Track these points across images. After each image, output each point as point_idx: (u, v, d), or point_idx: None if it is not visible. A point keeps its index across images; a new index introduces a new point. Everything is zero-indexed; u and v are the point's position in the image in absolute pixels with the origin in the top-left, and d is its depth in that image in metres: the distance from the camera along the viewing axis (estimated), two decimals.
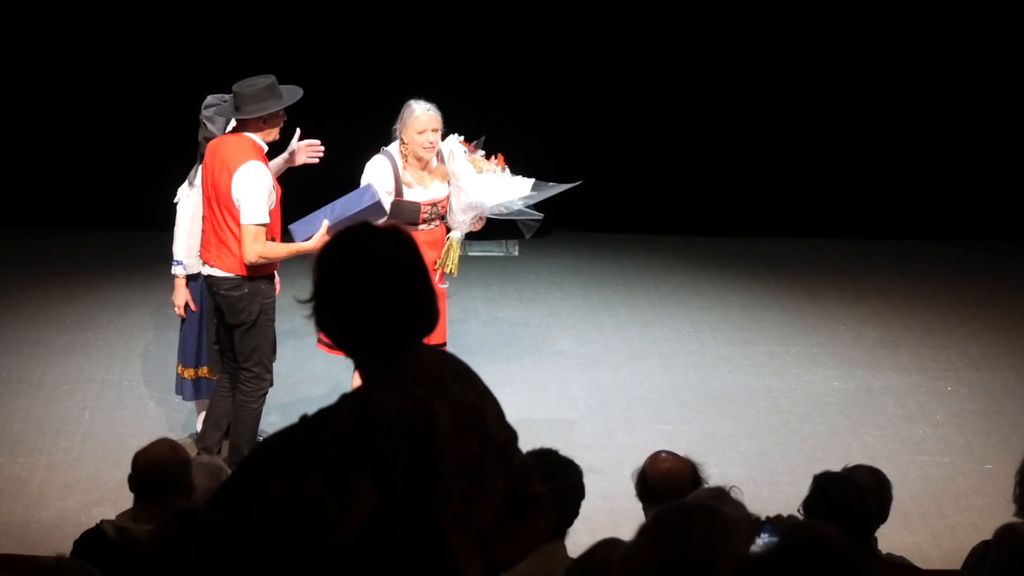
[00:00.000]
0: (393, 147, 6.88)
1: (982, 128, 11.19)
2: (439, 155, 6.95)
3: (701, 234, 11.21)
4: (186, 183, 7.04)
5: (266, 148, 6.65)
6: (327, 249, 3.10)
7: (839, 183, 11.25)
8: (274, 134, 6.69)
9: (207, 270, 6.71)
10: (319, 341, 6.96)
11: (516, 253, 10.79)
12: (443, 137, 6.94)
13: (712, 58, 11.06)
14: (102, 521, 4.56)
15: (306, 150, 7.03)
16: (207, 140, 6.90)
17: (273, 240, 6.63)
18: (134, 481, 4.61)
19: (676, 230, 11.23)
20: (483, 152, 7.03)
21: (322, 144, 7.06)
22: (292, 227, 6.69)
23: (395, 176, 6.82)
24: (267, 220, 6.53)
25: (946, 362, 8.82)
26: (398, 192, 6.83)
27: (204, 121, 6.88)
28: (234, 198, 6.51)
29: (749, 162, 11.24)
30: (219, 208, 6.58)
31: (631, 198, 11.29)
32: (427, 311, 3.10)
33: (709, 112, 11.14)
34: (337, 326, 3.06)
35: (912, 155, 11.23)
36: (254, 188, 6.49)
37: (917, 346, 9.07)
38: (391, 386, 3.00)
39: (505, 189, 6.90)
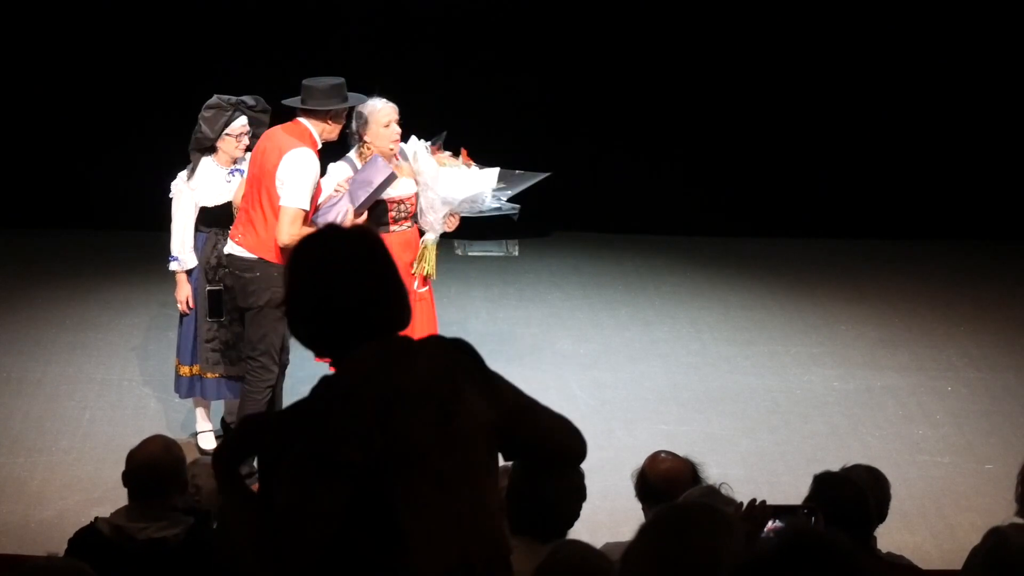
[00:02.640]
0: (352, 152, 6.93)
1: (982, 128, 11.19)
2: (402, 154, 6.96)
3: (701, 234, 11.21)
4: (183, 175, 7.08)
5: (320, 144, 6.68)
6: (293, 254, 3.18)
7: (839, 183, 11.25)
8: (335, 134, 6.78)
9: (228, 248, 6.74)
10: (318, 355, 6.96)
11: (516, 253, 10.78)
12: (404, 139, 6.96)
13: (713, 58, 11.05)
14: (96, 519, 4.55)
15: None
16: (201, 140, 6.96)
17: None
18: (128, 479, 4.61)
19: (676, 230, 11.23)
20: (449, 153, 7.03)
21: None
22: (315, 217, 6.71)
23: None
24: (307, 206, 6.57)
25: (946, 362, 8.82)
26: None
27: (201, 121, 6.95)
28: (278, 178, 6.53)
29: (750, 162, 11.24)
30: (259, 187, 6.61)
31: (631, 198, 11.29)
32: (394, 307, 3.15)
33: (710, 112, 11.14)
34: (306, 328, 3.14)
35: (912, 155, 11.23)
36: (301, 172, 6.53)
37: (917, 346, 9.07)
38: (360, 380, 3.05)
39: (471, 182, 6.89)
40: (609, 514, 6.33)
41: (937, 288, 10.22)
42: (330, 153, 7.00)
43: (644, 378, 8.47)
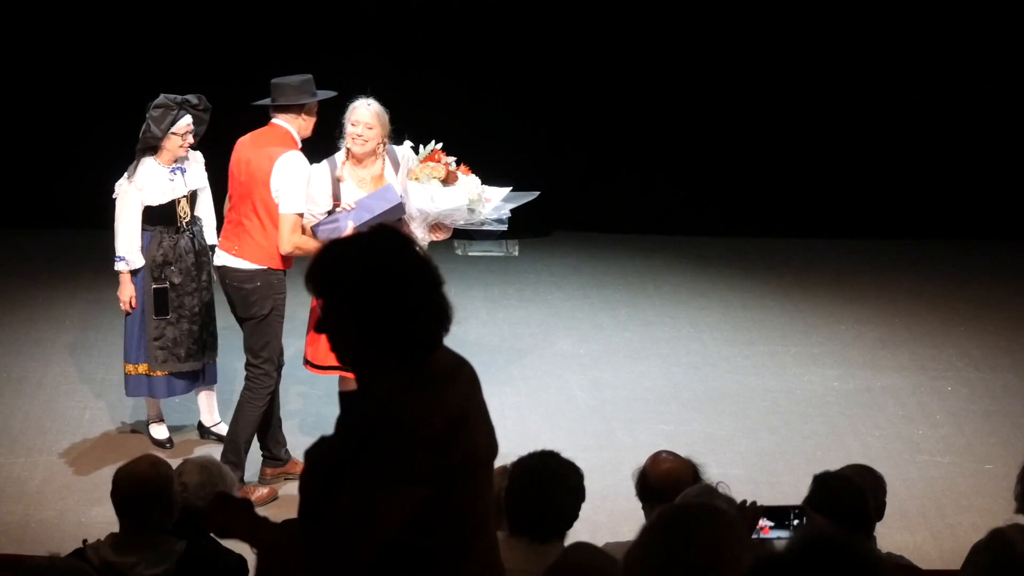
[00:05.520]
0: (340, 152, 6.89)
1: (982, 128, 11.19)
2: (393, 161, 6.91)
3: (701, 234, 11.21)
4: (124, 177, 7.11)
5: (300, 143, 6.68)
6: (336, 262, 3.07)
7: (839, 183, 11.25)
8: (310, 130, 6.77)
9: (221, 259, 6.76)
10: (306, 362, 6.97)
11: (516, 253, 10.79)
12: (398, 142, 6.94)
13: (713, 58, 11.05)
14: (86, 546, 4.44)
15: None
16: (149, 139, 6.98)
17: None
18: (116, 498, 4.55)
19: (676, 230, 11.23)
20: (448, 162, 6.97)
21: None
22: (316, 228, 6.69)
23: (332, 179, 6.79)
24: (303, 209, 6.60)
25: (946, 362, 8.82)
26: (335, 195, 6.81)
27: (149, 121, 6.98)
28: (273, 187, 6.53)
29: (750, 162, 11.24)
30: (250, 197, 6.60)
31: (631, 198, 11.29)
32: (447, 311, 3.13)
33: (709, 112, 11.14)
34: (360, 340, 3.05)
35: (912, 155, 11.22)
36: (294, 177, 6.55)
37: (917, 346, 9.07)
38: (424, 388, 3.04)
39: (441, 196, 6.85)
40: (609, 514, 6.33)
41: (937, 288, 10.22)
42: (317, 152, 7.00)
43: (644, 378, 8.47)
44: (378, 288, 3.01)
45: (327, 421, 7.75)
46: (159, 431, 7.46)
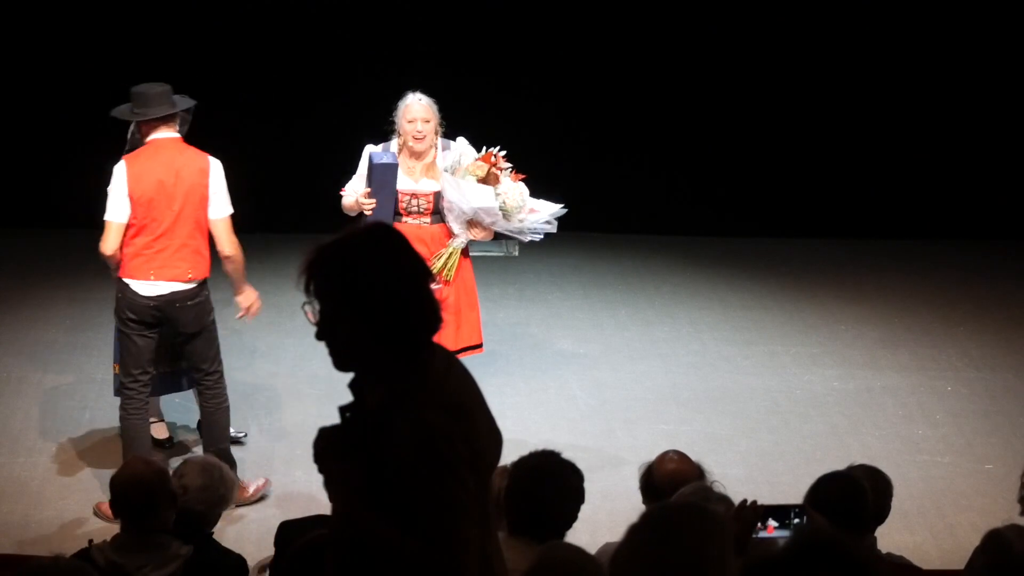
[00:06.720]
0: (393, 142, 6.95)
1: (983, 128, 11.19)
2: (449, 152, 6.97)
3: (701, 234, 11.21)
4: None
5: None
6: (322, 267, 3.07)
7: (838, 183, 11.25)
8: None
9: (167, 287, 6.58)
10: None
11: (516, 253, 10.74)
12: (451, 136, 6.97)
13: (712, 58, 11.06)
14: (91, 545, 4.45)
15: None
16: (137, 142, 6.97)
17: None
18: (117, 505, 4.53)
19: (676, 230, 11.23)
20: (509, 166, 7.01)
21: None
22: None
23: None
24: None
25: (946, 362, 8.82)
26: None
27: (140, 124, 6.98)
28: (210, 196, 6.56)
29: (750, 162, 11.25)
30: (184, 219, 6.53)
31: (631, 198, 11.29)
32: (434, 307, 3.11)
33: (710, 112, 11.14)
34: (352, 343, 3.06)
35: (912, 155, 11.23)
36: (222, 181, 6.61)
37: (917, 346, 9.07)
38: (425, 396, 3.04)
39: (474, 193, 6.85)
40: (609, 514, 6.33)
41: (937, 288, 10.22)
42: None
43: (644, 378, 8.47)
44: (375, 279, 3.03)
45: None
46: (159, 430, 7.45)
